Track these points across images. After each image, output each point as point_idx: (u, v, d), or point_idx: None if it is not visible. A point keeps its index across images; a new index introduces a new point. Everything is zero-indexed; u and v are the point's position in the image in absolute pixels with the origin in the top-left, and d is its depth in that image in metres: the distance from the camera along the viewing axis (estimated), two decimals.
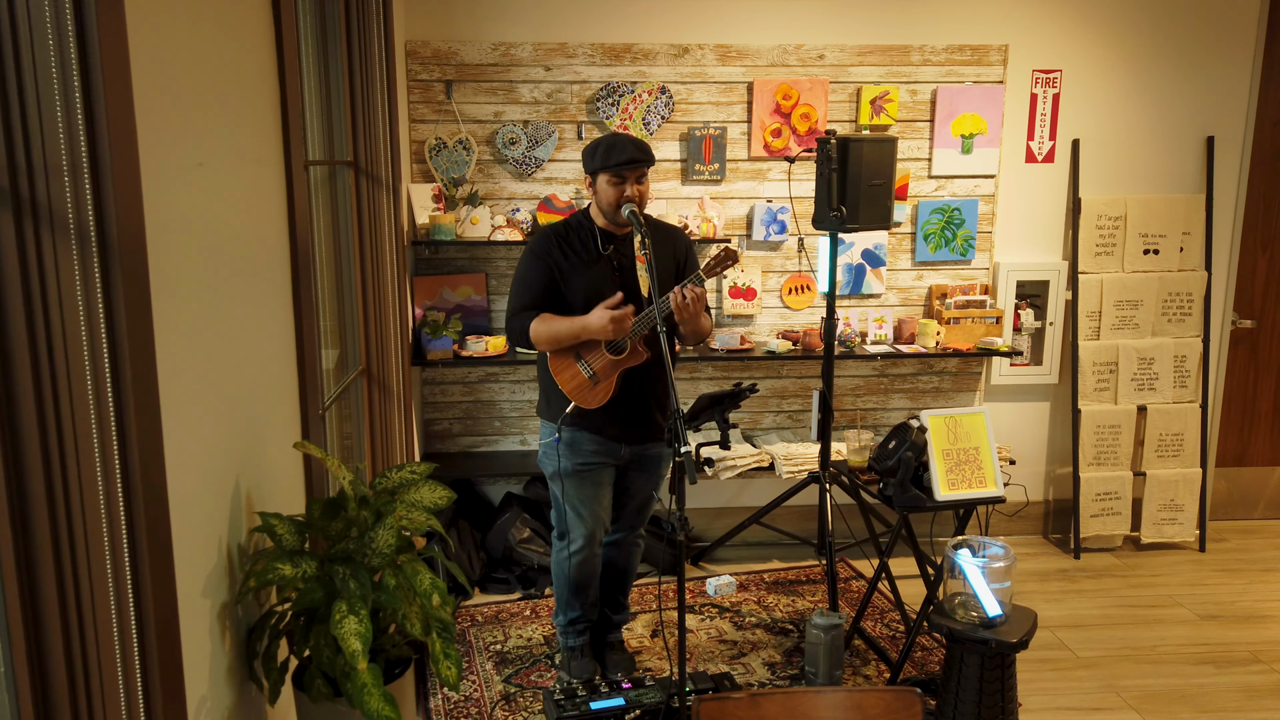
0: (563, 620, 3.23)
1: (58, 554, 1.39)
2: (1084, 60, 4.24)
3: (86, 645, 1.43)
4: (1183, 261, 4.37)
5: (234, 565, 2.03)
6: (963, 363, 4.44)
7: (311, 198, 2.79)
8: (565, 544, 3.11)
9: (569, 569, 3.11)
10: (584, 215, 3.01)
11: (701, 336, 3.01)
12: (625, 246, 2.95)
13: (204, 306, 1.85)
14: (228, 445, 1.98)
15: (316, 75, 3.02)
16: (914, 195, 4.28)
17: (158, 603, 1.50)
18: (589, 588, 3.17)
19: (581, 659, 3.22)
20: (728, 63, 4.09)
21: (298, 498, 2.49)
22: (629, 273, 2.93)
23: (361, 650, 1.90)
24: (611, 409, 2.93)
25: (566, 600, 3.18)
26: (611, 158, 2.80)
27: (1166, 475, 4.41)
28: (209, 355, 1.88)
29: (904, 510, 3.13)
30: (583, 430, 2.97)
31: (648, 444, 3.06)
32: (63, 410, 1.37)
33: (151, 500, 1.49)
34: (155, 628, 1.49)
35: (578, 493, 3.02)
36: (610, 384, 2.89)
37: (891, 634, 3.59)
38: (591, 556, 3.10)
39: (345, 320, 3.32)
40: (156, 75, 1.63)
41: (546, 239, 2.95)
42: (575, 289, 2.90)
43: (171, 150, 1.69)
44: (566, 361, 2.93)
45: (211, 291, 1.88)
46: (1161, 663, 3.41)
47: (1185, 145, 4.36)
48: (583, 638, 3.24)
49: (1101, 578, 4.16)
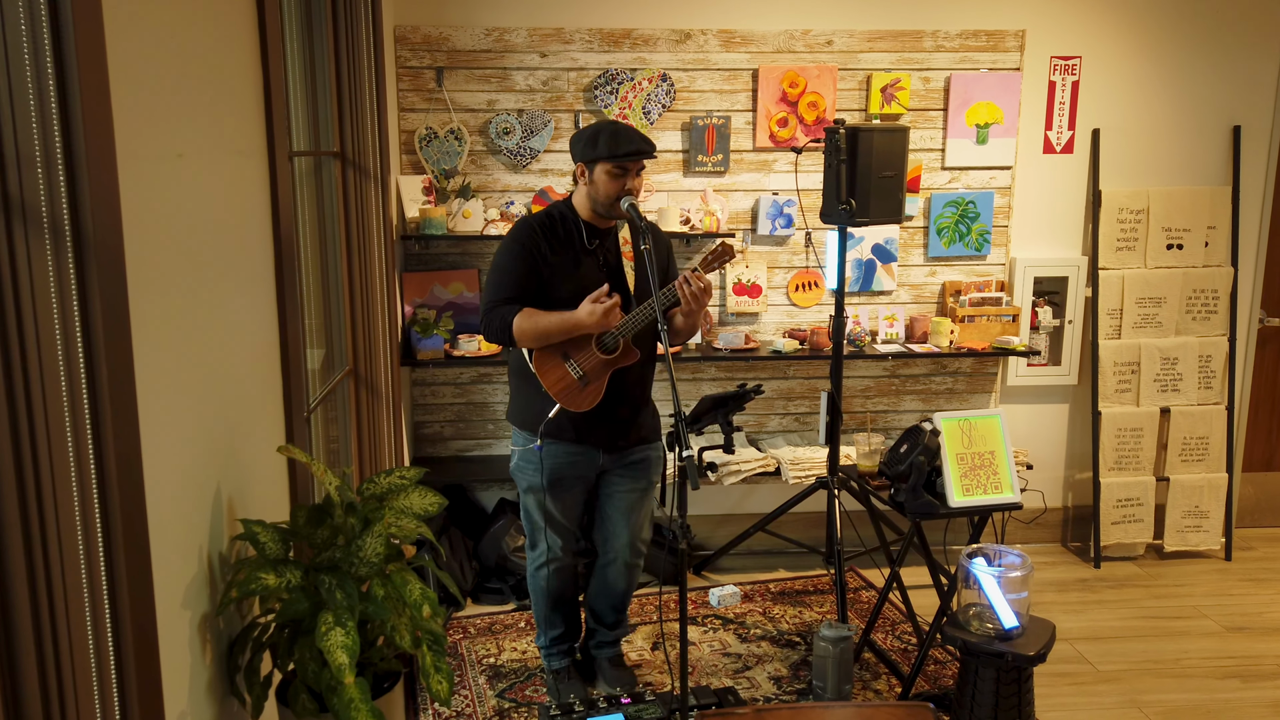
0: (544, 641, 3.21)
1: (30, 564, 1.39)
2: (1104, 46, 4.25)
3: (61, 659, 1.43)
4: (1208, 257, 4.37)
5: (215, 575, 2.02)
6: (978, 363, 4.44)
7: (296, 190, 2.79)
8: (538, 554, 3.08)
9: (545, 581, 3.08)
10: (566, 207, 2.91)
11: (694, 333, 3.00)
12: (610, 242, 2.91)
13: (183, 304, 1.85)
14: (208, 449, 1.98)
15: (301, 62, 3.02)
16: (926, 187, 4.28)
17: (135, 614, 1.50)
18: (570, 601, 3.15)
19: (569, 681, 3.17)
20: (731, 49, 4.09)
21: (282, 504, 2.49)
22: (617, 269, 2.89)
23: (348, 663, 1.90)
24: (596, 413, 2.86)
25: (545, 617, 3.16)
26: (618, 147, 2.72)
27: (1191, 480, 4.41)
28: (189, 355, 1.88)
29: (916, 517, 3.13)
30: (559, 442, 2.90)
31: (630, 450, 3.00)
32: (35, 413, 1.37)
33: (129, 507, 1.49)
34: (132, 640, 1.49)
35: (553, 505, 2.98)
36: (600, 386, 2.83)
37: (903, 646, 3.59)
38: (567, 566, 3.07)
39: (331, 318, 3.32)
40: (134, 61, 1.62)
41: (530, 229, 2.84)
42: (562, 286, 2.81)
43: (150, 140, 1.69)
44: (553, 361, 2.83)
45: (191, 288, 1.88)
46: (1186, 677, 3.41)
47: (1210, 135, 4.36)
48: (568, 659, 3.21)
49: (1123, 588, 4.16)
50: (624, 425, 2.95)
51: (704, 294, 2.70)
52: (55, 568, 1.41)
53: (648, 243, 2.63)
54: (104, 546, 1.45)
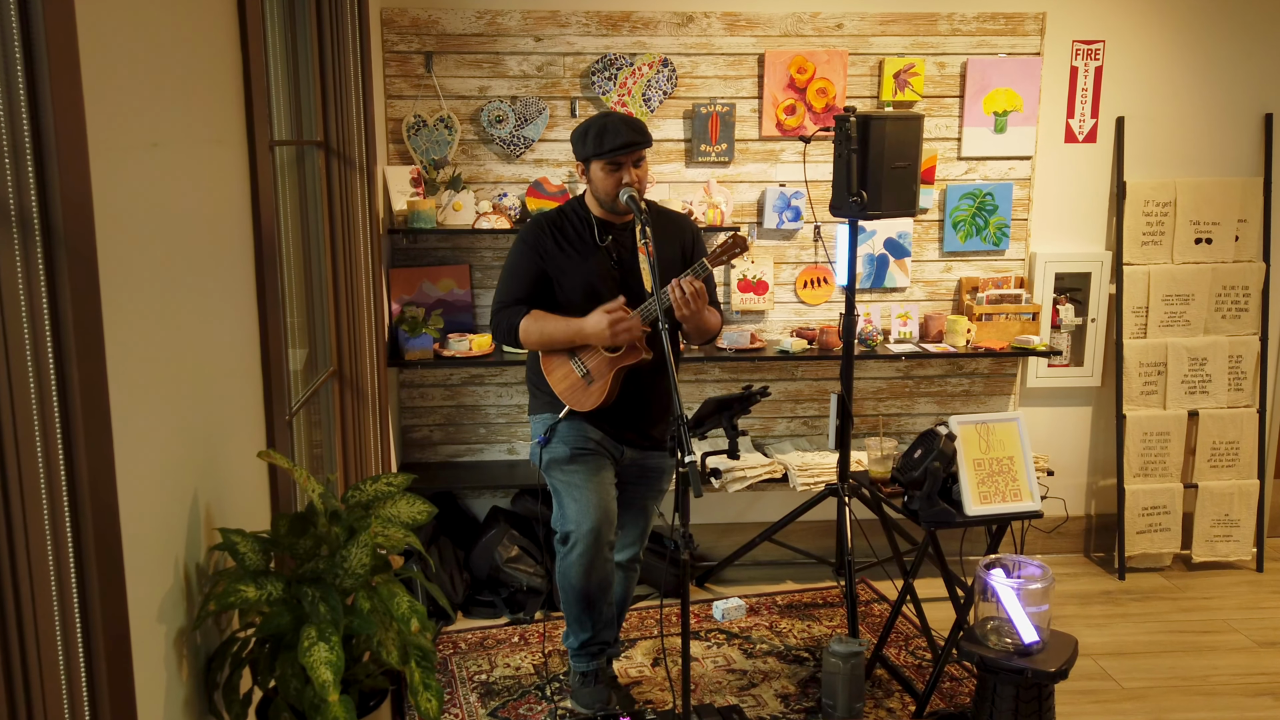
0: (574, 644, 3.14)
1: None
2: (1129, 29, 4.25)
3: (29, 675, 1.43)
4: (1238, 251, 4.37)
5: (192, 587, 2.02)
6: (995, 363, 4.44)
7: (277, 181, 2.79)
8: (569, 548, 2.97)
9: (575, 576, 2.97)
10: (578, 203, 3.02)
11: (708, 334, 3.01)
12: (625, 236, 2.96)
13: (159, 301, 1.84)
14: (185, 454, 1.98)
15: (283, 47, 3.02)
16: (941, 179, 4.29)
17: (108, 628, 1.50)
18: (601, 601, 3.04)
19: (595, 686, 3.15)
20: (736, 32, 4.09)
21: (262, 512, 2.49)
22: (630, 265, 2.93)
23: (332, 681, 1.90)
24: (610, 414, 2.93)
25: (577, 617, 3.07)
26: (605, 143, 2.80)
27: (1220, 487, 4.42)
28: (164, 355, 1.88)
29: (931, 526, 3.13)
30: (583, 420, 2.98)
31: (649, 452, 3.07)
32: (2, 418, 1.37)
33: (101, 515, 1.49)
34: (105, 656, 1.49)
35: (579, 475, 2.94)
36: (606, 384, 2.89)
37: (917, 663, 3.59)
38: (599, 559, 2.95)
39: (314, 317, 3.32)
40: (106, 45, 1.62)
41: (538, 228, 2.97)
42: (571, 284, 2.91)
43: (123, 129, 1.69)
44: (559, 359, 2.95)
45: (167, 284, 1.88)
46: (1215, 694, 3.41)
47: (1241, 123, 4.36)
48: (597, 661, 3.17)
49: (1149, 600, 4.16)
50: (642, 427, 3.01)
51: (696, 298, 2.75)
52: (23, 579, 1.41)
53: (647, 238, 2.70)
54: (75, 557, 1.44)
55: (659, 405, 3.02)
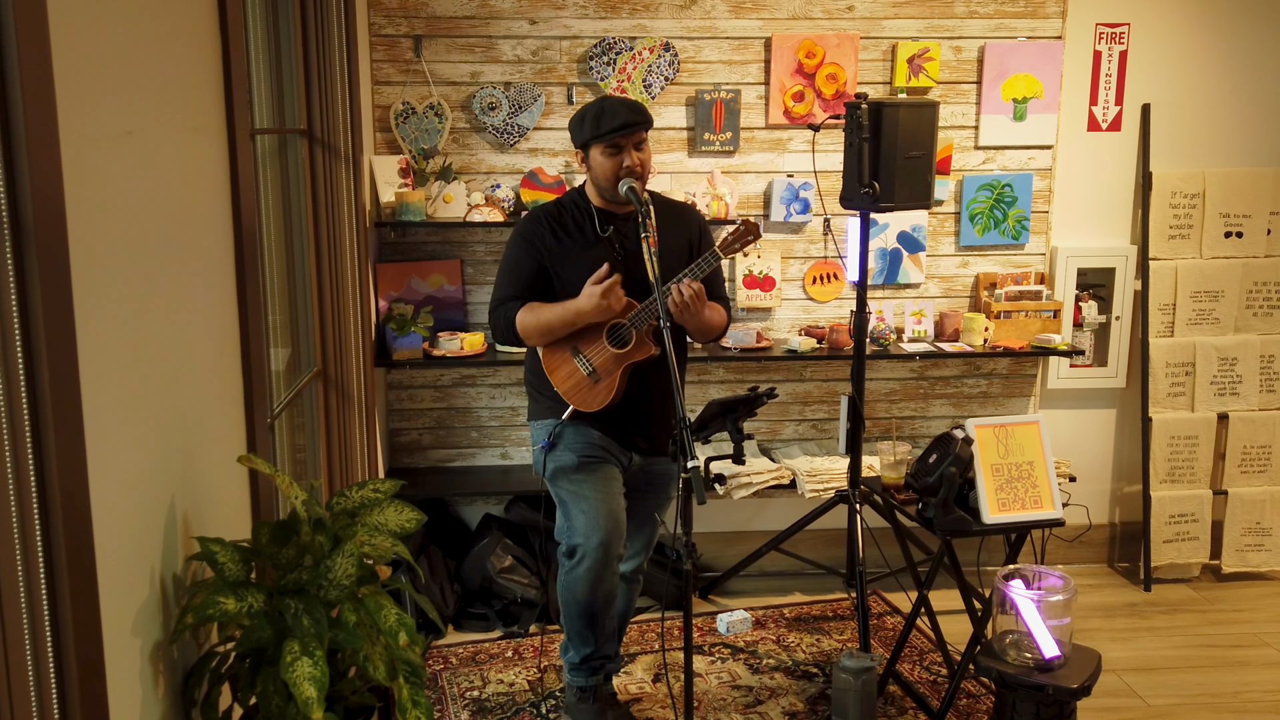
0: (574, 658, 3.12)
1: None
2: (1155, 12, 4.25)
3: None
4: (1270, 246, 4.37)
5: (169, 599, 2.03)
6: (1015, 363, 4.44)
7: (258, 171, 2.79)
8: (575, 561, 2.94)
9: (581, 591, 2.94)
10: (578, 194, 3.03)
11: (713, 333, 3.02)
12: (628, 227, 2.97)
13: (134, 298, 1.85)
14: (161, 459, 1.98)
15: (265, 30, 3.02)
16: (958, 169, 4.29)
17: (80, 642, 1.50)
18: (605, 615, 3.03)
19: (591, 704, 3.14)
20: (742, 15, 4.10)
21: (242, 520, 2.49)
22: (634, 257, 2.93)
23: (316, 697, 1.90)
24: (617, 415, 2.94)
25: (579, 632, 3.05)
26: (603, 124, 2.81)
27: (1252, 494, 4.42)
28: (139, 355, 1.88)
29: (947, 535, 3.13)
30: (588, 425, 2.98)
31: (656, 458, 3.07)
32: None
33: (72, 523, 1.49)
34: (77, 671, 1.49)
35: (587, 485, 2.93)
36: (613, 382, 2.90)
37: (932, 679, 3.59)
38: (607, 572, 2.94)
39: (298, 314, 3.32)
40: (78, 29, 1.62)
41: (536, 221, 2.98)
42: (571, 278, 2.90)
43: (95, 117, 1.69)
44: (562, 357, 2.94)
45: (142, 280, 1.88)
46: (1246, 712, 3.41)
47: (1274, 110, 4.36)
48: (596, 677, 3.15)
49: (1176, 613, 4.16)
50: (651, 430, 3.02)
51: (695, 299, 2.77)
52: None
53: (649, 229, 2.71)
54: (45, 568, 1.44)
55: (669, 407, 3.00)
